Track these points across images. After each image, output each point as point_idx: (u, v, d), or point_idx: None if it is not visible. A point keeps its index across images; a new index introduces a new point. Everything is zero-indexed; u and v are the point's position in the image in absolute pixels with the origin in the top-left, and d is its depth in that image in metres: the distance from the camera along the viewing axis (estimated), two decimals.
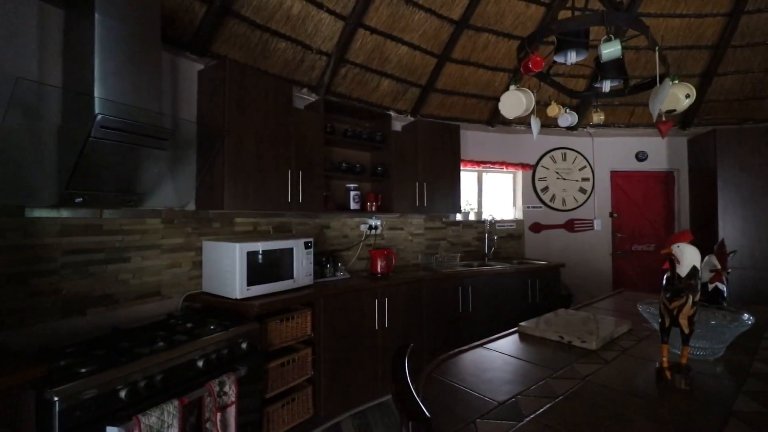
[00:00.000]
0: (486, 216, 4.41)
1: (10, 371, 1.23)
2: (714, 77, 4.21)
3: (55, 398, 1.29)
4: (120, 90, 1.81)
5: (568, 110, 2.22)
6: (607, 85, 1.95)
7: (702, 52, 4.10)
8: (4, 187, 1.67)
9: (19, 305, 1.74)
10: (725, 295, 1.61)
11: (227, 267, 2.29)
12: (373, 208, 3.41)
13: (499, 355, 1.42)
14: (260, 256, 2.36)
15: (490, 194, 4.72)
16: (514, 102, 1.72)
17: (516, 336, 1.65)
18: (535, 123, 1.95)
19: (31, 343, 1.69)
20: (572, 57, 1.66)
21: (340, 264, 3.19)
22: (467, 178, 4.51)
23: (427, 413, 0.75)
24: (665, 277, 1.17)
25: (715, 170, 4.17)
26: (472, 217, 4.45)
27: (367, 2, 3.10)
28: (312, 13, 2.97)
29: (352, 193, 3.34)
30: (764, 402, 1.04)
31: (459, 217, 4.31)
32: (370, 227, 3.61)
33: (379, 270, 3.23)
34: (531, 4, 3.60)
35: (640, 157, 4.80)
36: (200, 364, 1.76)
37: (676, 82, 1.75)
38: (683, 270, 1.12)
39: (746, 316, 1.34)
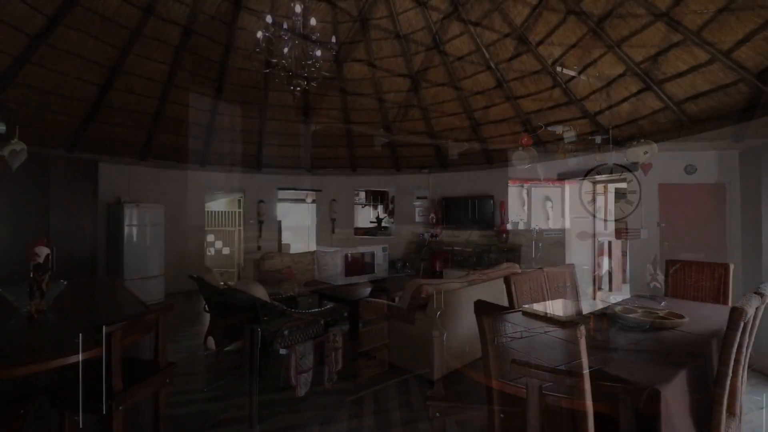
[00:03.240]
0: (532, 226, 5.11)
1: (240, 315, 2.44)
2: None
3: (258, 329, 2.50)
4: None
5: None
6: (599, 139, 2.71)
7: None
8: None
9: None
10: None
11: (332, 263, 3.44)
12: (433, 221, 4.39)
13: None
14: (352, 257, 3.48)
15: (539, 206, 5.40)
16: (521, 158, 2.59)
17: (520, 313, 2.52)
18: (541, 171, 2.78)
19: None
20: (559, 128, 2.49)
21: (407, 263, 4.22)
22: (516, 193, 5.25)
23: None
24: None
25: (760, 184, 4.40)
26: (521, 227, 5.19)
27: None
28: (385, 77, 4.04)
29: (417, 209, 4.36)
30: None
31: (508, 227, 5.09)
32: (432, 236, 4.59)
33: (437, 268, 4.19)
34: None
35: (689, 170, 5.10)
36: (322, 322, 2.90)
37: (642, 141, 2.48)
38: None
39: (663, 303, 2.08)
